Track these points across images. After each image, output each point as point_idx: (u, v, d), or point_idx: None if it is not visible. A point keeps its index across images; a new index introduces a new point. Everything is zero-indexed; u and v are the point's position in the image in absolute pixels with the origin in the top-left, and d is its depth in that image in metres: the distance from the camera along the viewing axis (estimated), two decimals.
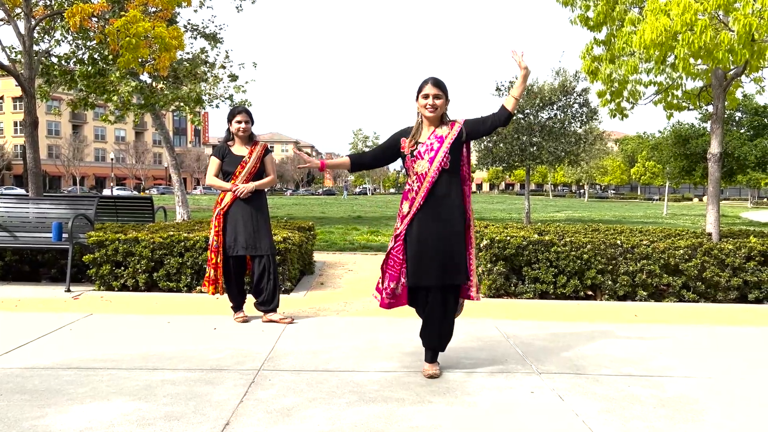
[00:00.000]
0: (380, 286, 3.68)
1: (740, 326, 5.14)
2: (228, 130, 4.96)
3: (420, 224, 3.53)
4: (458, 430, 2.79)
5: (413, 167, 3.57)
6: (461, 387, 3.40)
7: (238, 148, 4.92)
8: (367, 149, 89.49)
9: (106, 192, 64.32)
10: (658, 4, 6.02)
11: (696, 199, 78.46)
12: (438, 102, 3.55)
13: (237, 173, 4.81)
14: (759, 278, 6.19)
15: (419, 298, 3.63)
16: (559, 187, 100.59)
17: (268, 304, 4.85)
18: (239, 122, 4.87)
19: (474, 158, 24.46)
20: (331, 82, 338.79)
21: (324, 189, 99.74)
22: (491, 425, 2.86)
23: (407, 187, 3.63)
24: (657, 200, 73.52)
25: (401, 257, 3.55)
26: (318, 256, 9.32)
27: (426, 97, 3.56)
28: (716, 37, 5.68)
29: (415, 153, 3.57)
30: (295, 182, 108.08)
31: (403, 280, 3.57)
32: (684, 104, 8.69)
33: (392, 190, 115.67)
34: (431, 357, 3.66)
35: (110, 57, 11.50)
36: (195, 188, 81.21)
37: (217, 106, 15.87)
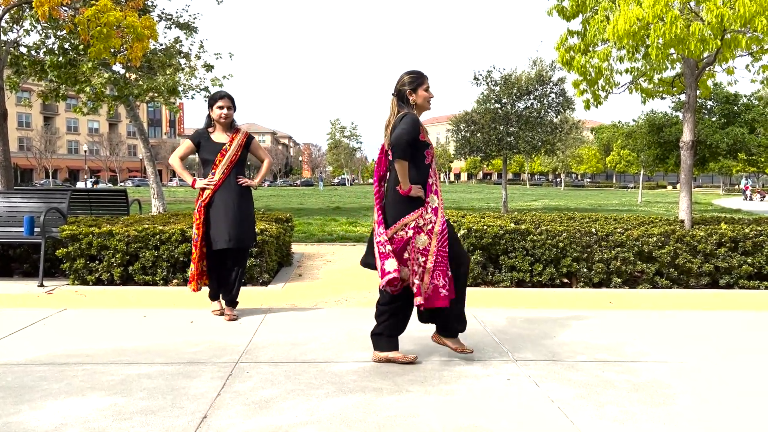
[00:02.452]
0: (430, 287, 3.48)
1: (712, 311, 5.25)
2: (208, 116, 4.74)
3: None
4: (435, 418, 2.82)
5: (434, 159, 3.60)
6: (438, 375, 3.43)
7: (219, 135, 4.72)
8: (345, 139, 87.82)
9: (81, 185, 63.28)
10: None
11: (670, 187, 79.67)
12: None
13: (217, 162, 4.62)
14: (729, 264, 6.32)
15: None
16: (536, 176, 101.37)
17: (233, 298, 4.74)
18: (221, 108, 4.65)
19: (452, 148, 24.54)
20: (308, 73, 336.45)
21: (302, 180, 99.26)
22: (468, 413, 2.89)
23: (430, 180, 3.55)
24: (632, 188, 74.51)
25: (446, 250, 3.50)
26: (296, 248, 9.29)
27: (427, 89, 3.60)
28: (688, 28, 5.75)
29: (428, 142, 3.58)
30: (273, 173, 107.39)
31: (449, 272, 3.51)
32: (659, 90, 8.81)
33: (370, 181, 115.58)
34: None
35: (81, 47, 11.28)
36: (171, 180, 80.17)
37: (192, 97, 15.64)
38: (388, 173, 3.64)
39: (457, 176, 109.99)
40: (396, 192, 3.51)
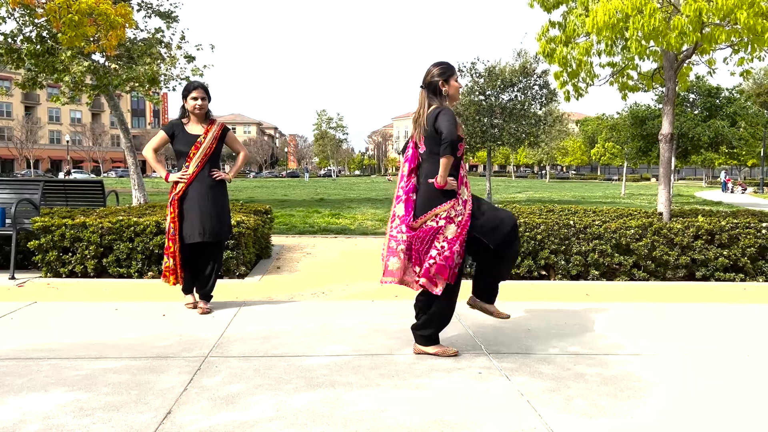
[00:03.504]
0: (446, 265, 3.52)
1: (687, 303, 5.28)
2: (183, 107, 4.65)
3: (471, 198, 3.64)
4: (403, 412, 2.79)
5: (462, 152, 3.61)
6: (410, 369, 3.40)
7: (193, 127, 4.62)
8: (331, 130, 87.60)
9: (62, 175, 62.53)
10: None
11: (654, 179, 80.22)
12: None
13: (191, 154, 4.53)
14: (706, 256, 6.36)
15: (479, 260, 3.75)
16: (522, 168, 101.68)
17: (207, 292, 4.68)
18: (195, 98, 4.55)
19: None
20: (294, 63, 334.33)
21: (288, 171, 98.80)
22: (436, 407, 2.86)
23: (462, 172, 3.59)
24: (617, 180, 74.96)
25: (465, 235, 3.55)
26: (277, 240, 9.22)
27: (457, 80, 3.63)
28: (667, 21, 5.75)
29: (463, 138, 3.61)
30: (259, 164, 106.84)
31: (459, 260, 3.58)
32: (638, 85, 8.83)
33: (357, 172, 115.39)
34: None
35: (59, 35, 11.06)
36: (154, 171, 79.45)
37: (173, 89, 15.45)
38: (420, 166, 3.63)
39: None
40: (429, 185, 3.53)
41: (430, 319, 3.66)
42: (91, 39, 8.08)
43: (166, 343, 3.84)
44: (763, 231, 6.42)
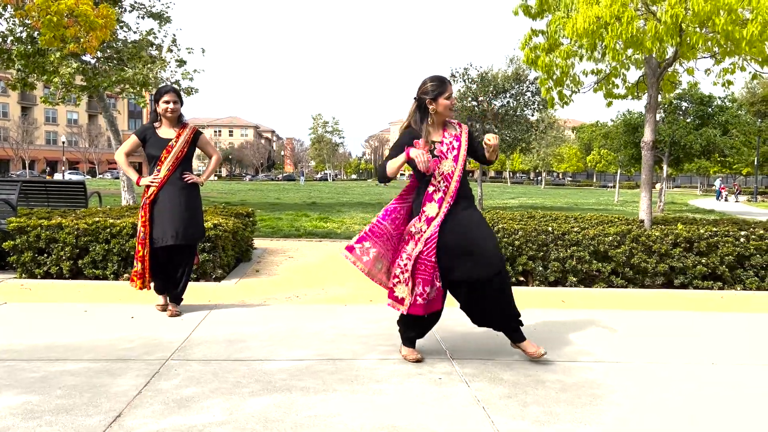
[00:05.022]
0: (398, 293, 3.54)
1: (662, 311, 5.27)
2: (154, 110, 4.66)
3: (455, 223, 3.49)
4: (355, 417, 2.78)
5: (438, 167, 3.51)
6: (371, 374, 3.39)
7: (165, 131, 4.63)
8: (327, 134, 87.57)
9: (58, 176, 62.41)
10: None
11: None
12: (454, 101, 3.62)
13: (162, 158, 4.54)
14: (684, 264, 6.35)
15: (461, 293, 3.61)
16: (518, 175, 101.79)
17: (177, 295, 4.66)
18: (167, 102, 4.57)
19: None
20: (292, 67, 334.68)
21: (284, 174, 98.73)
22: (390, 412, 2.85)
23: (431, 188, 3.51)
24: (612, 187, 75.09)
25: (433, 260, 3.47)
26: (261, 243, 9.20)
27: (449, 98, 3.56)
28: (644, 27, 5.77)
29: (436, 152, 3.54)
30: (255, 167, 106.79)
31: (438, 283, 3.50)
32: (622, 93, 8.85)
33: (354, 176, 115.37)
34: (521, 334, 3.69)
35: (37, 35, 11.04)
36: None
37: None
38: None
39: None
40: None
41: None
42: (71, 40, 8.04)
43: (130, 345, 3.81)
44: (742, 239, 6.42)
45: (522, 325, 3.71)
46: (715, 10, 5.44)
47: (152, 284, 4.73)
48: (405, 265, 3.49)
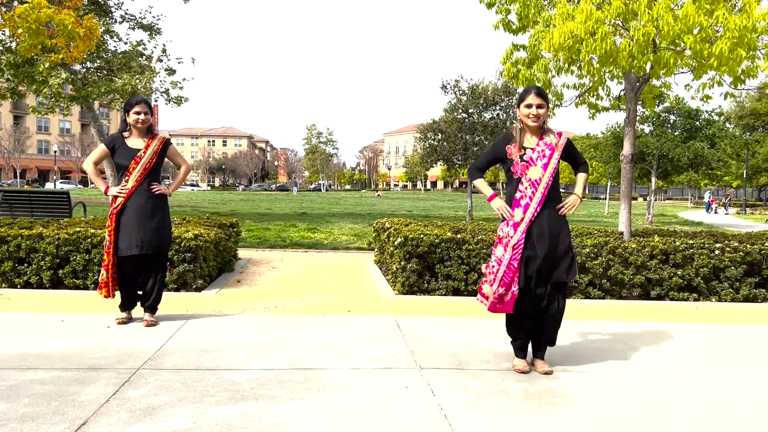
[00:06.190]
0: (485, 290, 3.73)
1: (636, 322, 5.34)
2: (124, 120, 4.72)
3: (539, 229, 3.63)
4: (317, 426, 2.83)
5: (525, 173, 3.66)
6: (338, 384, 3.44)
7: (134, 141, 4.69)
8: (321, 144, 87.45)
9: (49, 186, 62.22)
10: (566, 8, 6.19)
11: (641, 198, 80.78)
12: (541, 111, 3.69)
13: (131, 168, 4.59)
14: (660, 276, 6.44)
15: (527, 300, 3.69)
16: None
17: (152, 305, 4.70)
18: (138, 113, 4.63)
19: (418, 157, 24.64)
20: (287, 78, 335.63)
21: (278, 185, 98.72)
22: (353, 421, 2.90)
23: (518, 194, 3.67)
24: (603, 199, 75.39)
25: (516, 265, 3.59)
26: (245, 253, 9.24)
27: (529, 106, 3.69)
28: (617, 44, 5.88)
29: (525, 158, 3.68)
30: (248, 177, 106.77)
31: (514, 288, 3.62)
32: (607, 106, 8.97)
33: (347, 187, 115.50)
34: (543, 353, 3.85)
35: (16, 44, 11.09)
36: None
37: (155, 101, 15.49)
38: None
39: (434, 184, 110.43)
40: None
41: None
42: (53, 49, 8.08)
43: (103, 354, 3.85)
44: (717, 252, 6.52)
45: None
46: (685, 29, 5.56)
47: (116, 293, 4.73)
48: (493, 266, 3.67)
